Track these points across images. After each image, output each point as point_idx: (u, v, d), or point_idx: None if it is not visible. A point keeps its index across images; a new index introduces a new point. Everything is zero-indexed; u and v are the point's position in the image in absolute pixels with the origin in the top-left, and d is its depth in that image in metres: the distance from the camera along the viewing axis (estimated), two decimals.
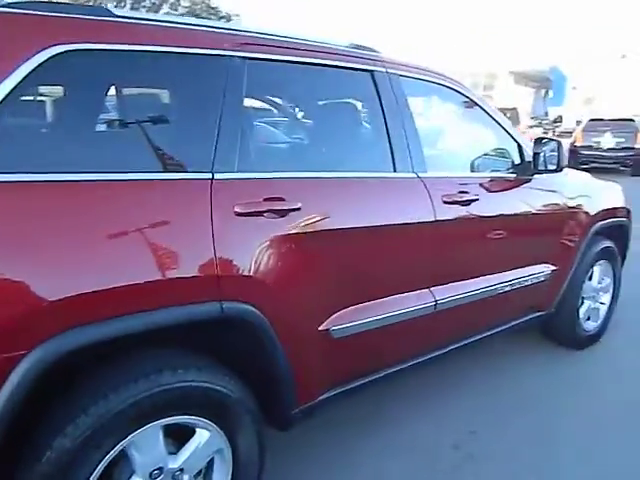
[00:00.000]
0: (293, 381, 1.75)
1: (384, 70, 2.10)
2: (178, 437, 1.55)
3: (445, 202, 2.17)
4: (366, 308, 1.95)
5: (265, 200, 1.64)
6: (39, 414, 1.35)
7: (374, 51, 2.16)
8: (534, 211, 2.65)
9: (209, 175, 1.57)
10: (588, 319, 3.27)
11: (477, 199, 2.30)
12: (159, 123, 1.57)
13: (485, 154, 2.55)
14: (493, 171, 2.56)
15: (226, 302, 1.53)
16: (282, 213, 1.66)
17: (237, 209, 1.57)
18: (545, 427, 2.43)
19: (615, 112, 14.30)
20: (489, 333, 2.59)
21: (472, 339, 2.49)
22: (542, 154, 2.53)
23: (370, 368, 2.08)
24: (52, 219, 1.30)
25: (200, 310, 1.49)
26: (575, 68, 29.26)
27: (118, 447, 1.39)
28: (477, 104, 2.51)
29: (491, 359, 3.04)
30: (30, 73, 1.31)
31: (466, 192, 2.27)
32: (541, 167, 2.54)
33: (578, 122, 14.32)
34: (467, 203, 2.26)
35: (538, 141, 2.58)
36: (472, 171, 2.45)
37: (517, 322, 2.76)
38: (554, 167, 2.51)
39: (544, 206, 2.71)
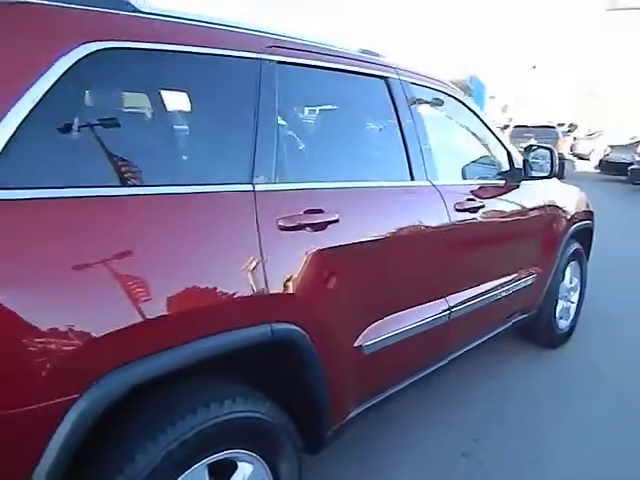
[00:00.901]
0: (330, 402, 1.66)
1: (397, 77, 2.06)
2: (218, 475, 1.41)
3: (457, 210, 2.16)
4: (392, 321, 1.90)
5: (305, 212, 1.54)
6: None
7: (381, 57, 2.11)
8: (526, 217, 2.71)
9: (250, 187, 1.45)
10: (561, 318, 3.40)
11: (483, 206, 2.31)
12: (195, 130, 1.43)
13: (482, 161, 2.58)
14: (489, 178, 2.59)
15: (275, 324, 1.42)
16: (322, 226, 1.56)
17: (280, 223, 1.46)
18: (541, 428, 2.49)
19: (531, 119, 15.22)
20: (487, 337, 2.62)
21: (475, 343, 2.51)
22: (536, 161, 2.60)
23: (392, 381, 2.02)
24: (95, 239, 1.14)
25: (252, 334, 1.36)
26: (492, 78, 30.95)
27: None
28: (473, 112, 2.54)
29: (478, 367, 3.07)
30: (65, 73, 1.14)
31: (473, 199, 2.28)
32: (533, 173, 2.60)
33: (504, 128, 15.11)
34: (474, 210, 2.27)
35: (528, 148, 2.65)
36: (472, 178, 2.46)
37: (508, 325, 2.81)
38: (547, 173, 2.58)
39: (533, 211, 2.78)
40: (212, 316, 1.30)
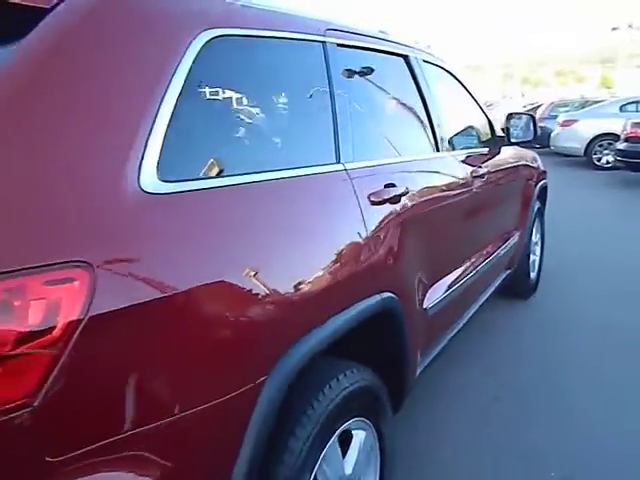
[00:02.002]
0: (410, 362, 1.78)
1: (415, 55, 2.18)
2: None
3: (474, 176, 2.33)
4: (443, 283, 2.04)
5: (385, 187, 1.62)
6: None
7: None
8: (510, 181, 2.96)
9: (342, 166, 1.50)
10: (532, 271, 3.75)
11: (487, 172, 2.51)
12: (290, 114, 1.45)
13: (475, 130, 2.77)
14: (479, 146, 2.78)
15: (382, 293, 1.50)
16: (397, 199, 1.65)
17: (372, 198, 1.53)
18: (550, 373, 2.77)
19: None
20: (490, 292, 2.85)
21: (485, 298, 2.72)
22: (515, 127, 2.84)
23: (441, 338, 2.17)
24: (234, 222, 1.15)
25: (370, 305, 1.43)
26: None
27: (320, 461, 1.30)
28: (463, 85, 2.72)
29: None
30: (195, 60, 1.13)
31: (480, 166, 2.46)
32: (517, 139, 2.84)
33: None
34: (482, 176, 2.46)
35: (509, 116, 2.88)
36: (472, 147, 2.65)
37: (500, 281, 3.07)
38: (531, 137, 2.83)
39: (514, 175, 3.04)
40: (344, 290, 1.35)
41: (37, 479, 0.80)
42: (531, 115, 2.86)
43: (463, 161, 2.33)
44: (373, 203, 1.53)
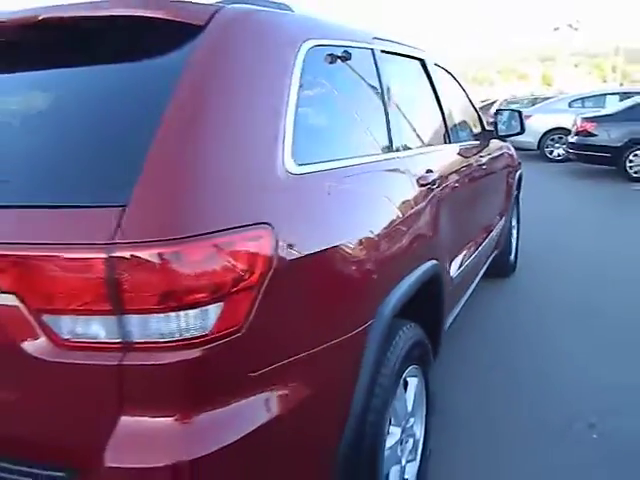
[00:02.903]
0: (444, 320, 2.09)
1: (428, 59, 2.49)
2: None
3: (477, 165, 2.67)
4: (461, 256, 2.36)
5: (426, 172, 1.92)
6: None
7: None
8: (498, 169, 3.33)
9: (395, 155, 1.79)
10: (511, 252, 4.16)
11: (484, 161, 2.86)
12: (360, 108, 1.73)
13: (469, 124, 3.11)
14: (472, 139, 3.12)
15: (432, 260, 1.80)
16: (434, 182, 1.95)
17: (420, 181, 1.83)
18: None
19: None
20: (484, 270, 3.20)
21: (482, 273, 3.08)
22: (502, 121, 3.20)
23: (458, 303, 2.49)
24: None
25: (426, 269, 1.73)
26: None
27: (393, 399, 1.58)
28: (461, 85, 3.06)
29: None
30: (302, 65, 1.38)
31: (479, 156, 2.81)
32: (506, 132, 3.20)
33: None
34: (482, 165, 2.80)
35: (497, 112, 3.25)
36: (468, 140, 2.98)
37: (490, 260, 3.43)
38: (517, 130, 3.19)
39: (500, 165, 3.41)
40: (412, 256, 1.65)
41: (241, 389, 1.05)
42: (518, 111, 3.23)
43: (467, 151, 2.66)
44: (420, 185, 1.83)
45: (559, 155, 11.00)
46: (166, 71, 1.12)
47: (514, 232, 4.22)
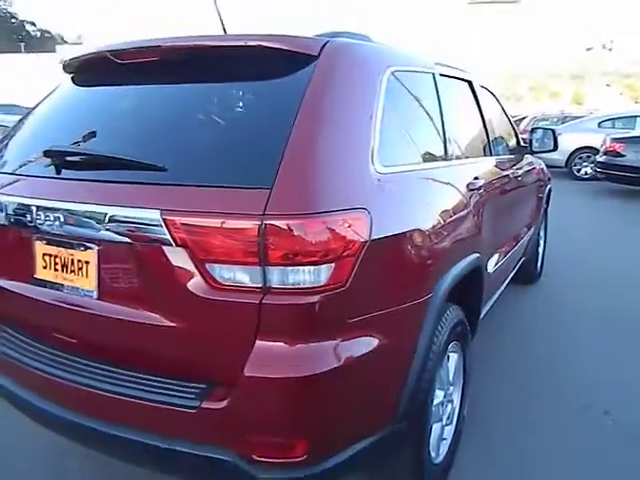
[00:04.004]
0: (481, 307, 2.41)
1: (475, 80, 2.83)
2: None
3: (513, 177, 3.00)
4: (496, 256, 2.69)
5: (474, 179, 2.26)
6: None
7: None
8: (531, 182, 3.64)
9: (452, 162, 2.15)
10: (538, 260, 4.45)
11: (519, 174, 3.18)
12: (424, 122, 2.10)
13: (507, 139, 3.44)
14: (510, 152, 3.44)
15: (476, 253, 2.13)
16: (480, 188, 2.29)
17: (469, 187, 2.17)
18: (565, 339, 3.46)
19: None
20: (513, 273, 3.51)
21: (511, 276, 3.39)
22: (537, 138, 3.51)
23: (492, 296, 2.81)
24: None
25: (471, 260, 2.07)
26: None
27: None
28: (500, 104, 3.39)
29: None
30: (386, 87, 1.74)
31: (515, 169, 3.13)
32: (539, 149, 3.51)
33: None
34: (517, 177, 3.12)
35: (532, 130, 3.57)
36: (505, 153, 3.31)
37: (518, 266, 3.73)
38: (550, 147, 3.50)
39: (533, 177, 3.72)
40: (462, 247, 2.00)
41: (342, 330, 1.40)
42: (552, 130, 3.53)
43: (504, 164, 2.99)
44: (469, 190, 2.17)
45: (586, 173, 11.19)
46: (294, 89, 1.48)
47: (541, 242, 4.51)
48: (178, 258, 1.36)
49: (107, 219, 1.43)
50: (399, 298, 1.58)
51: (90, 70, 1.90)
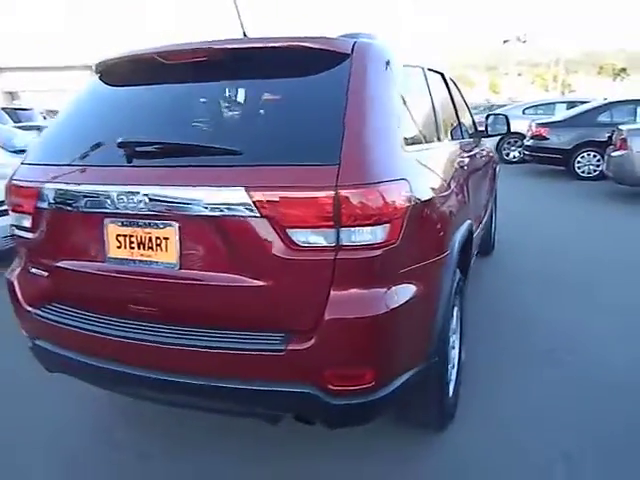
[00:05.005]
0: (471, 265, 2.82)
1: (445, 73, 3.23)
2: None
3: (480, 156, 3.43)
4: (477, 223, 3.11)
5: (460, 157, 2.65)
6: None
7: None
8: (487, 162, 4.11)
9: (442, 143, 2.52)
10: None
11: (482, 154, 3.63)
12: (424, 109, 2.44)
13: (467, 125, 3.87)
14: (469, 137, 3.88)
15: (470, 220, 2.53)
16: (465, 163, 2.69)
17: (459, 163, 2.56)
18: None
19: None
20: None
21: None
22: (492, 124, 3.98)
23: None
24: None
25: (470, 223, 2.46)
26: None
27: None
28: (461, 93, 3.82)
29: None
30: (399, 79, 2.07)
31: (479, 150, 3.58)
32: (494, 132, 3.98)
33: None
34: (482, 156, 3.58)
35: (487, 117, 4.03)
36: (469, 137, 3.74)
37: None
38: (504, 131, 3.98)
39: (489, 158, 4.20)
40: (463, 213, 2.38)
41: (391, 281, 1.71)
42: (505, 115, 4.01)
43: (470, 145, 3.42)
44: (460, 166, 2.56)
45: (514, 157, 12.13)
46: (339, 83, 1.77)
47: (493, 216, 5.03)
48: (261, 227, 1.62)
49: (191, 199, 1.66)
50: (429, 254, 1.92)
51: (140, 70, 2.08)
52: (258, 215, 1.61)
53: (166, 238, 1.75)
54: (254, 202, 1.60)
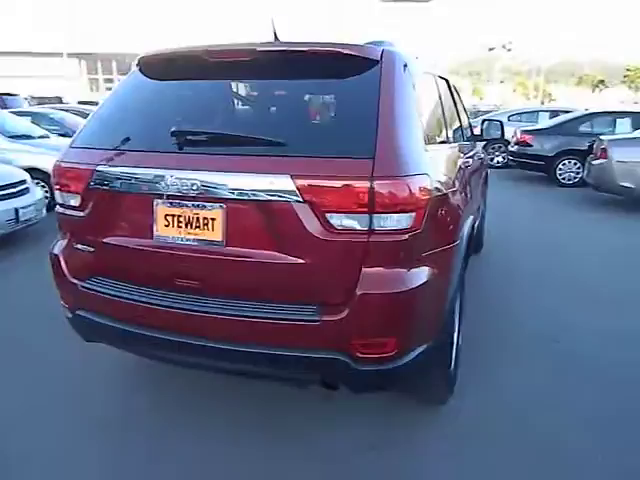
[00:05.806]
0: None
1: (449, 79, 3.48)
2: None
3: (477, 158, 3.69)
4: (475, 218, 3.37)
5: (464, 158, 2.90)
6: None
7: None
8: (481, 163, 4.39)
9: (451, 144, 2.76)
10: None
11: (479, 157, 3.89)
12: (437, 113, 2.68)
13: (467, 128, 4.14)
14: (467, 140, 4.15)
15: (473, 216, 2.77)
16: (468, 163, 2.94)
17: (464, 164, 2.81)
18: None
19: None
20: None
21: None
22: (487, 129, 4.25)
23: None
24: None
25: (472, 219, 2.70)
26: None
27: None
28: (461, 100, 4.08)
29: None
30: (421, 82, 2.30)
31: (477, 152, 3.84)
32: (489, 137, 4.25)
33: None
34: (478, 158, 3.83)
35: (483, 122, 4.30)
36: (464, 140, 4.00)
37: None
38: (498, 136, 4.25)
39: (482, 160, 4.47)
40: (469, 209, 2.62)
41: (413, 263, 1.94)
42: (499, 121, 4.28)
43: (470, 147, 3.68)
44: (465, 166, 2.81)
45: (498, 162, 12.51)
46: (371, 86, 1.99)
47: (484, 217, 5.32)
48: (303, 211, 1.83)
49: (239, 184, 1.87)
50: (444, 241, 2.16)
51: (191, 66, 2.23)
52: (301, 200, 1.82)
53: (213, 219, 1.95)
54: (298, 188, 1.81)
